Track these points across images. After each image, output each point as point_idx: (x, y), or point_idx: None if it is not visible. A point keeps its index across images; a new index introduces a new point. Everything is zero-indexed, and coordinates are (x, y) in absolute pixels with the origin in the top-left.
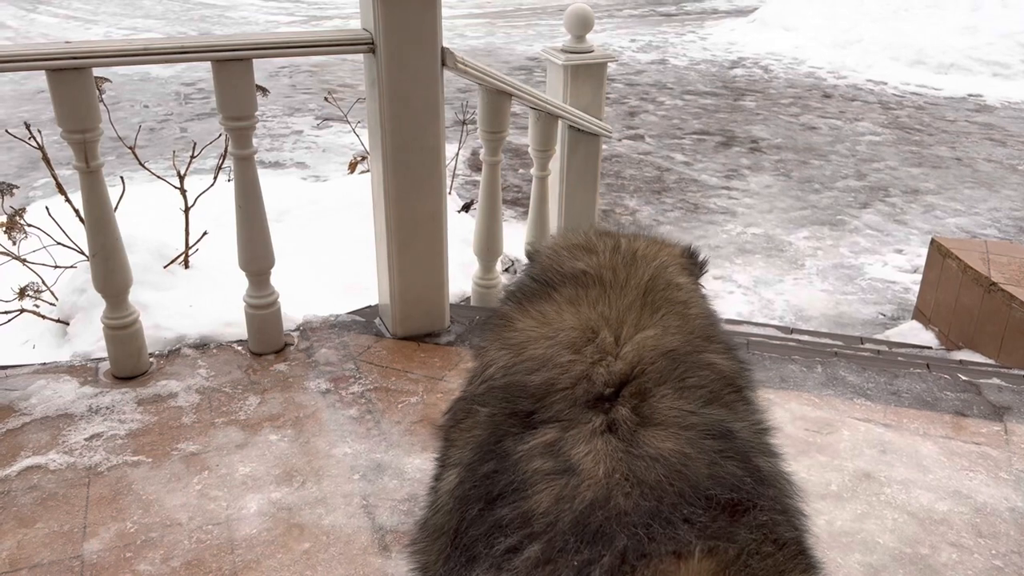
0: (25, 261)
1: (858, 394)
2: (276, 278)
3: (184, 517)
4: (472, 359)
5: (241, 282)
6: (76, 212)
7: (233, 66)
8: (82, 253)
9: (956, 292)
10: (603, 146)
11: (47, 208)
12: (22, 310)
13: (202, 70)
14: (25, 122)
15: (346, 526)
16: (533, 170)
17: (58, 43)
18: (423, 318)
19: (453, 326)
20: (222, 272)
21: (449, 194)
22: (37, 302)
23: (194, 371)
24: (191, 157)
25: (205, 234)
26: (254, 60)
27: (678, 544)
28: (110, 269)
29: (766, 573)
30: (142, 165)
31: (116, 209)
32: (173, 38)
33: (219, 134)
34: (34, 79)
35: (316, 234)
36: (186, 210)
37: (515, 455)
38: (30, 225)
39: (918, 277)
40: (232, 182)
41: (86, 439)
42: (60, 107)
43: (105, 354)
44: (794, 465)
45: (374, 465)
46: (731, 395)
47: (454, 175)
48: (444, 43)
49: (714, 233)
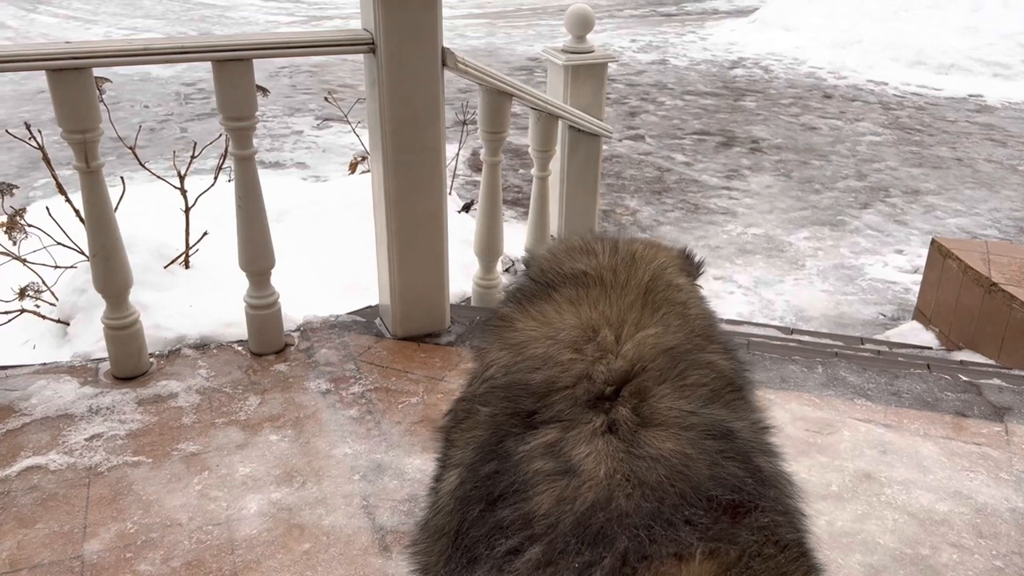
0: (25, 261)
1: (858, 394)
2: (276, 278)
3: (184, 517)
4: (472, 360)
5: (241, 282)
6: (76, 212)
7: (233, 66)
8: (82, 253)
9: (956, 292)
10: (603, 146)
11: (47, 208)
12: (22, 310)
13: (202, 70)
14: (25, 122)
15: (346, 526)
16: (533, 170)
17: (58, 43)
18: (423, 318)
19: (453, 326)
20: (222, 272)
21: (449, 194)
22: (37, 302)
23: (194, 371)
24: (191, 157)
25: (205, 234)
26: (254, 60)
27: (679, 546)
28: (110, 269)
29: (768, 575)
30: (142, 165)
31: (116, 209)
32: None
33: (219, 134)
34: (34, 79)
35: (316, 234)
36: (186, 210)
37: (516, 456)
38: (30, 225)
39: (918, 277)
40: (232, 182)
41: (86, 439)
42: (60, 107)
43: (105, 354)
44: (794, 466)
45: (374, 465)
46: (731, 394)
47: (454, 175)
48: (444, 43)
49: (714, 233)
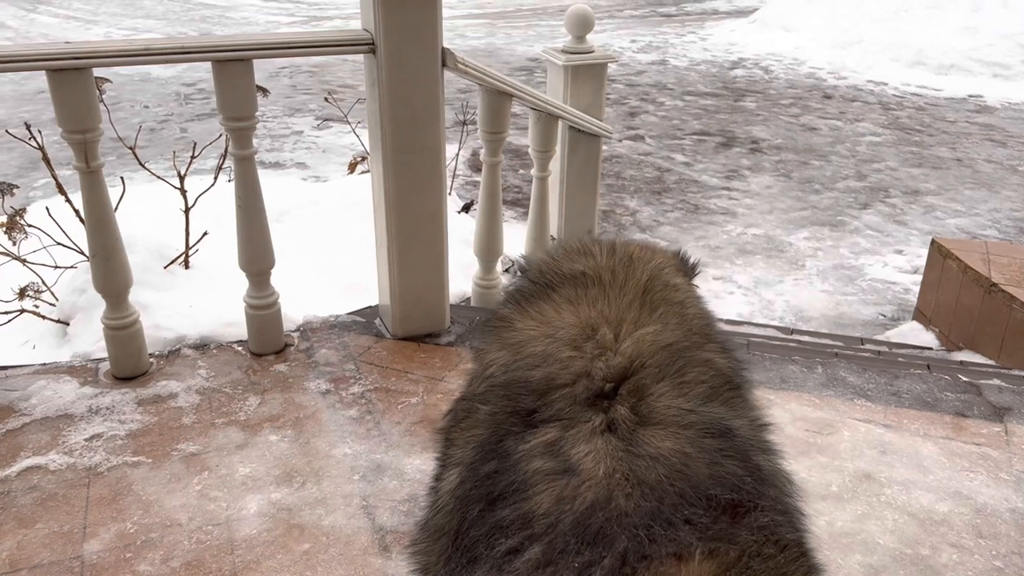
0: (25, 261)
1: (858, 395)
2: (276, 278)
3: (184, 517)
4: (472, 361)
5: (241, 282)
6: (76, 212)
7: (233, 66)
8: (82, 253)
9: (956, 293)
10: (603, 147)
11: (47, 208)
12: (22, 310)
13: (202, 70)
14: (25, 122)
15: (346, 527)
16: (533, 171)
17: (58, 43)
18: (423, 318)
19: (453, 326)
20: (222, 272)
21: (449, 195)
22: (37, 302)
23: (194, 371)
24: (191, 157)
25: (205, 234)
26: (254, 60)
27: (679, 546)
28: (110, 269)
29: (768, 575)
30: (142, 165)
31: (116, 209)
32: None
33: (219, 134)
34: (34, 79)
35: (316, 234)
36: (186, 210)
37: (516, 455)
38: (30, 225)
39: (918, 278)
40: (232, 182)
41: (86, 439)
42: (60, 107)
43: (105, 354)
44: (794, 466)
45: (374, 466)
46: (729, 392)
47: (454, 176)
48: (444, 43)
49: (714, 234)
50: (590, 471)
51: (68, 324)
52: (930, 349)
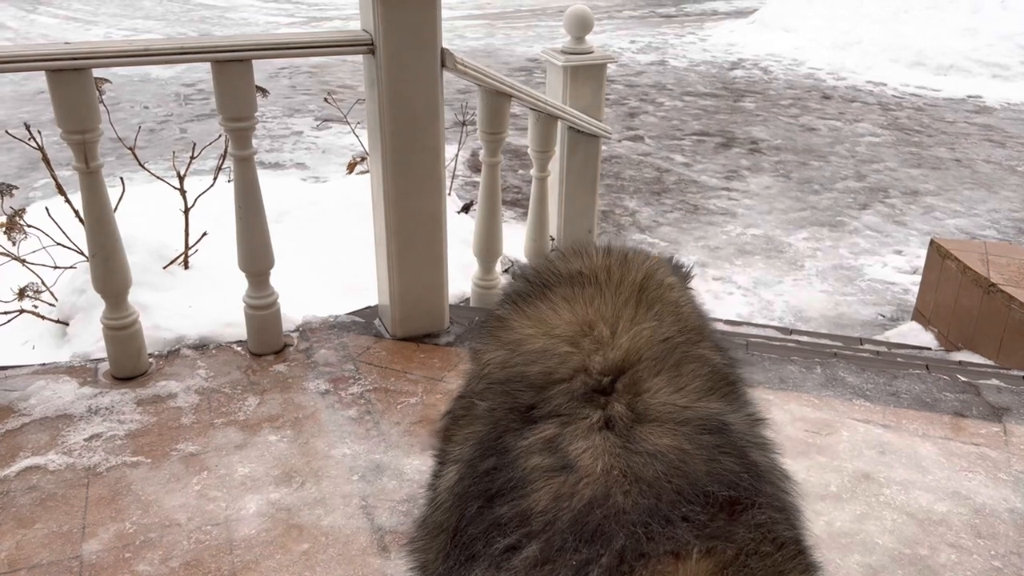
0: (25, 262)
1: (857, 395)
2: (276, 279)
3: (183, 518)
4: (470, 361)
5: (241, 283)
6: (76, 213)
7: (233, 67)
8: (82, 254)
9: (955, 293)
10: (603, 147)
11: (47, 209)
12: (21, 310)
13: (202, 71)
14: (25, 123)
15: (345, 527)
16: (533, 171)
17: (58, 44)
18: (423, 319)
19: (453, 327)
20: (222, 273)
21: (449, 195)
22: (36, 303)
23: (193, 372)
24: (191, 158)
25: (205, 235)
26: (254, 61)
27: (676, 544)
28: (110, 270)
29: (765, 573)
30: (142, 166)
31: (116, 210)
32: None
33: (219, 135)
34: (34, 80)
35: (316, 235)
36: (186, 211)
37: (515, 451)
38: (30, 226)
39: (917, 278)
40: (232, 183)
41: (85, 440)
42: (60, 108)
43: (104, 355)
44: (793, 466)
45: (373, 466)
46: (725, 387)
47: (453, 176)
48: (444, 44)
49: (714, 234)
50: (588, 468)
51: (67, 324)
52: (929, 349)
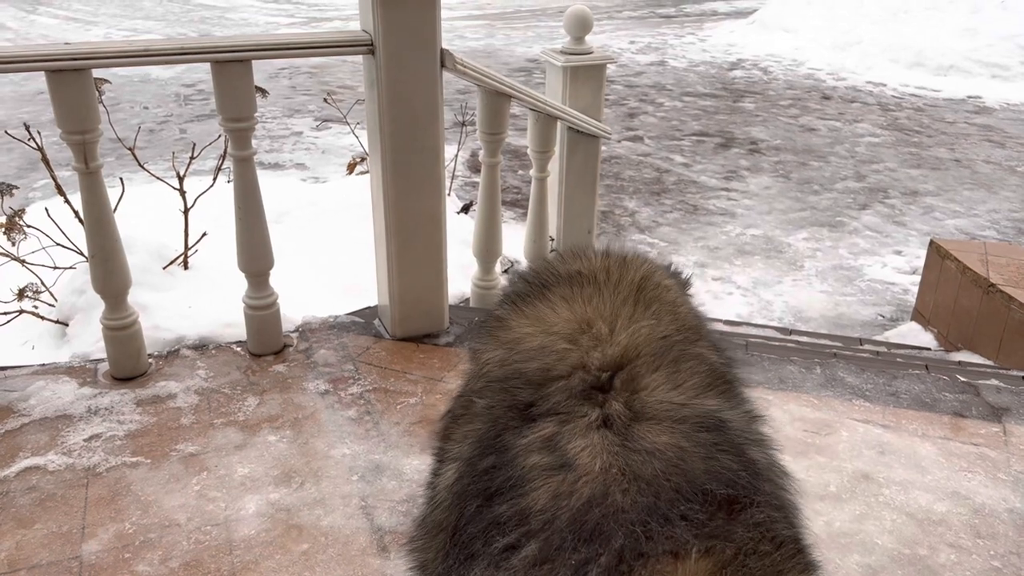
0: (24, 262)
1: (857, 395)
2: (275, 279)
3: (183, 518)
4: (469, 361)
5: (240, 283)
6: (75, 213)
7: (233, 67)
8: (81, 254)
9: (955, 293)
10: (602, 147)
11: (46, 209)
12: (21, 311)
13: (202, 71)
14: (25, 123)
15: (344, 527)
16: (532, 171)
17: (58, 44)
18: (422, 319)
19: (452, 327)
20: (221, 273)
21: (448, 195)
22: (36, 303)
23: (193, 372)
24: (190, 158)
25: (204, 235)
26: (253, 61)
27: (675, 543)
28: (109, 270)
29: (764, 573)
30: (141, 166)
31: (115, 210)
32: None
33: (218, 135)
34: (34, 80)
35: (315, 235)
36: (185, 211)
37: (514, 449)
38: (29, 226)
39: (917, 278)
40: (231, 183)
41: (85, 440)
42: (60, 108)
43: (104, 355)
44: (793, 466)
45: (373, 466)
46: (722, 385)
47: (453, 176)
48: (443, 44)
49: (713, 234)
50: (586, 466)
51: (67, 325)
52: (928, 349)
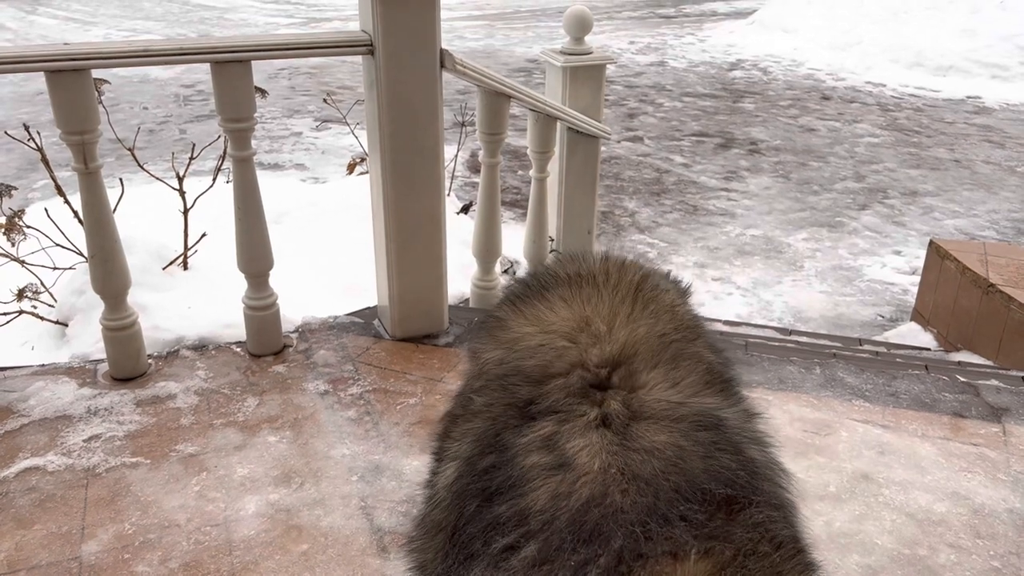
0: (24, 263)
1: (856, 395)
2: (275, 280)
3: (182, 518)
4: (468, 362)
5: (240, 284)
6: (75, 214)
7: (232, 68)
8: (81, 255)
9: (954, 294)
10: (602, 148)
11: (46, 210)
12: (21, 311)
13: (201, 72)
14: (24, 124)
15: (344, 527)
16: (532, 172)
17: (57, 45)
18: (422, 319)
19: (452, 327)
20: (221, 274)
21: (448, 196)
22: (36, 304)
23: (193, 372)
24: (190, 159)
25: (204, 236)
26: (253, 62)
27: (674, 544)
28: (109, 271)
29: (763, 574)
30: (141, 167)
31: (115, 211)
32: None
33: (218, 136)
34: (33, 81)
35: (315, 236)
36: (185, 212)
37: (513, 449)
38: (29, 227)
39: (916, 279)
40: (231, 184)
41: (84, 440)
42: (59, 109)
43: (104, 355)
44: (792, 467)
45: (372, 467)
46: (720, 384)
47: (453, 177)
48: (443, 45)
49: (713, 235)
50: (585, 466)
51: (67, 325)
52: (928, 350)
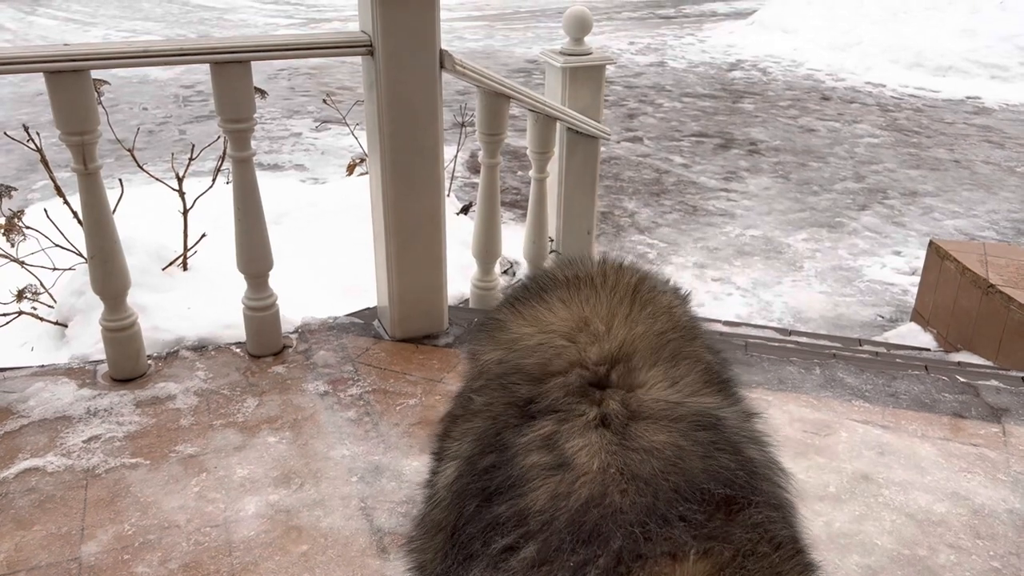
0: (23, 263)
1: (856, 396)
2: (274, 280)
3: (182, 519)
4: (467, 363)
5: (239, 284)
6: (75, 214)
7: (232, 68)
8: (80, 255)
9: (954, 294)
10: (601, 148)
11: (45, 210)
12: (20, 312)
13: (201, 72)
14: (24, 124)
15: (344, 528)
16: (531, 172)
17: (57, 45)
18: (422, 320)
19: (452, 328)
20: (220, 274)
21: (448, 196)
22: (35, 304)
23: (192, 373)
24: (190, 159)
25: (204, 236)
26: (252, 62)
27: (674, 545)
28: (108, 271)
29: (762, 574)
30: (141, 167)
31: (115, 211)
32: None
33: (218, 136)
34: (33, 81)
35: (315, 236)
36: (184, 212)
37: (513, 448)
38: (28, 227)
39: (916, 279)
40: (231, 184)
41: (84, 441)
42: (59, 109)
43: (103, 356)
44: (792, 467)
45: (372, 467)
46: (718, 383)
47: (452, 177)
48: (443, 45)
49: (713, 235)
50: (584, 466)
51: (66, 326)
52: (928, 350)
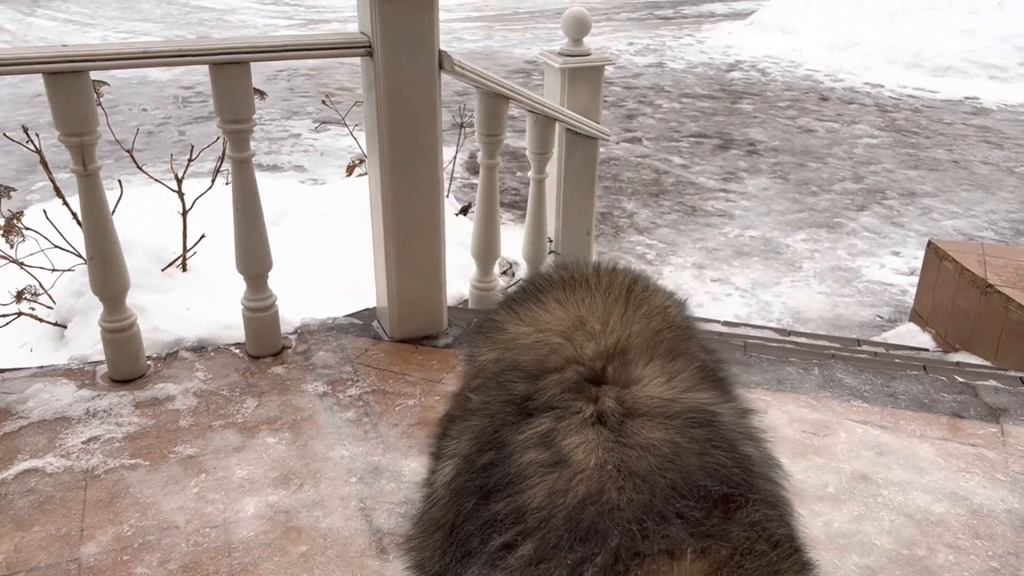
0: (23, 264)
1: (855, 396)
2: (274, 281)
3: (181, 520)
4: (465, 364)
5: (239, 285)
6: (74, 215)
7: (231, 69)
8: (80, 256)
9: (953, 294)
10: (600, 149)
11: (45, 211)
12: (19, 313)
13: (200, 73)
14: (23, 125)
15: (343, 529)
16: (530, 173)
17: (56, 46)
18: (421, 320)
19: (451, 328)
20: (220, 275)
21: (447, 197)
22: (34, 305)
23: (192, 374)
24: (189, 160)
25: (203, 237)
26: (252, 63)
27: (671, 543)
28: (107, 272)
29: (760, 573)
30: (140, 168)
31: (114, 212)
32: (171, 41)
33: (217, 137)
34: (32, 82)
35: (314, 237)
36: (184, 213)
37: (511, 446)
38: (28, 228)
39: (915, 279)
40: (230, 185)
41: (83, 442)
42: (58, 110)
43: (102, 357)
44: (791, 467)
45: (371, 468)
46: (713, 380)
47: (452, 178)
48: (441, 46)
49: (711, 235)
50: (581, 463)
51: (65, 327)
52: (926, 350)
